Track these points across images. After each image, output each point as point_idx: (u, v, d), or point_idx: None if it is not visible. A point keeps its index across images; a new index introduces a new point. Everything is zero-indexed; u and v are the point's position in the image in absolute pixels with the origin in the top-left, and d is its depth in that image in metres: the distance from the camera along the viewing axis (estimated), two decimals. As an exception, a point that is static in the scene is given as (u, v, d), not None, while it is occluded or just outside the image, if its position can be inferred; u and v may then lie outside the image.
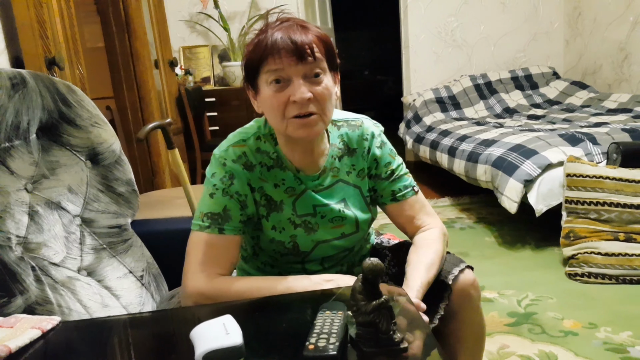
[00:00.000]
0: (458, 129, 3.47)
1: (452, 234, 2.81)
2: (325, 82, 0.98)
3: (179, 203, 1.92)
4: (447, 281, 1.05)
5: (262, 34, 0.98)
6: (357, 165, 1.13)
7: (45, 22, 1.62)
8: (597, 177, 2.21)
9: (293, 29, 0.96)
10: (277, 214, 1.07)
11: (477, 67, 4.43)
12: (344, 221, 1.10)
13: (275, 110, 0.98)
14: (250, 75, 1.02)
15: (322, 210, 1.09)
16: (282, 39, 0.95)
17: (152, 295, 1.41)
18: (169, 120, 1.73)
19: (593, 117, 3.27)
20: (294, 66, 0.95)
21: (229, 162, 1.04)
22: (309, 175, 1.09)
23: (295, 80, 0.95)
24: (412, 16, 4.30)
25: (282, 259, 1.12)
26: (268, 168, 1.06)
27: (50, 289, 1.13)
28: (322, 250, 1.11)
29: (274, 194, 1.07)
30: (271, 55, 0.95)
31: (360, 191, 1.13)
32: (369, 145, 1.14)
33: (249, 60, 1.00)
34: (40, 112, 1.25)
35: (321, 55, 0.98)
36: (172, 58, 3.14)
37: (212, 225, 1.02)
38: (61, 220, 1.26)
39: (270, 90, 0.97)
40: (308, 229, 1.08)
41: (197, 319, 0.80)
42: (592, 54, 4.12)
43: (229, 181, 1.03)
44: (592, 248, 2.15)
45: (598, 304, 1.94)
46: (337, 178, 1.11)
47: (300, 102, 0.95)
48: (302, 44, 0.94)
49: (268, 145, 1.07)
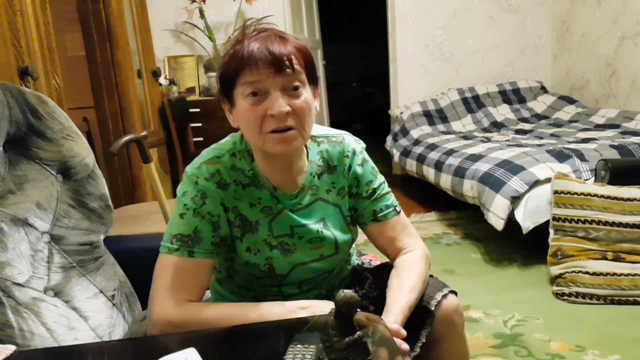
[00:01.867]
0: (445, 142, 3.45)
1: (438, 250, 2.78)
2: (304, 96, 0.94)
3: (155, 218, 1.86)
4: (429, 307, 1.01)
5: (239, 44, 0.94)
6: (338, 183, 1.09)
7: (19, 30, 1.56)
8: (585, 195, 2.19)
9: (271, 39, 0.92)
10: (252, 235, 1.02)
11: (465, 80, 4.43)
12: (322, 242, 1.06)
13: (252, 125, 0.93)
14: (225, 87, 0.97)
15: (299, 230, 1.04)
16: (259, 50, 0.90)
17: (124, 316, 1.35)
18: (143, 133, 1.67)
19: (581, 133, 3.27)
20: (271, 78, 0.91)
21: (202, 181, 0.99)
22: (287, 193, 1.04)
23: (272, 93, 0.91)
24: (400, 29, 4.30)
25: (257, 282, 1.06)
26: (243, 186, 1.01)
27: (12, 312, 1.07)
28: (300, 273, 1.05)
29: (249, 213, 1.02)
30: (248, 66, 0.91)
31: (340, 210, 1.09)
32: (350, 163, 1.09)
33: (224, 72, 0.96)
34: (7, 124, 1.19)
35: (300, 67, 0.94)
36: (155, 68, 3.09)
37: (181, 248, 0.97)
38: (27, 238, 1.20)
39: (246, 104, 0.93)
40: (285, 251, 1.03)
41: (160, 350, 0.75)
42: (579, 69, 4.14)
43: (201, 201, 0.98)
44: (580, 267, 2.12)
45: (586, 325, 1.90)
46: (317, 196, 1.07)
47: (278, 116, 0.91)
48: (280, 55, 0.90)
49: (244, 162, 1.02)
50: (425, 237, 2.99)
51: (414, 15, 4.28)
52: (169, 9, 3.97)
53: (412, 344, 0.98)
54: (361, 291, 1.16)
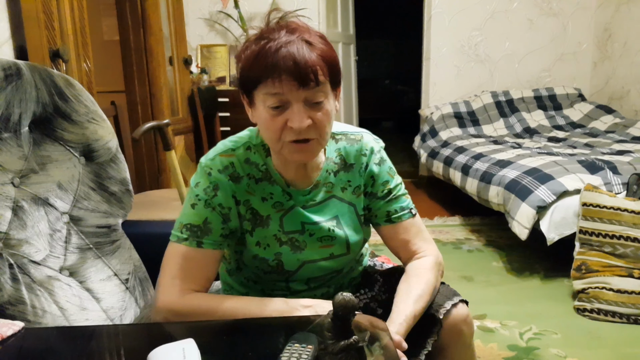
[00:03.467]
0: (474, 146, 3.39)
1: (459, 256, 2.73)
2: (326, 108, 0.92)
3: (175, 205, 1.88)
4: (437, 315, 0.99)
5: (265, 43, 0.89)
6: (353, 181, 1.07)
7: (53, 13, 1.60)
8: (614, 209, 2.11)
9: (297, 46, 0.87)
10: (262, 230, 1.01)
11: (499, 83, 4.33)
12: (333, 241, 1.04)
13: (271, 132, 0.92)
14: (246, 86, 0.94)
15: (310, 228, 1.03)
16: (285, 61, 0.86)
17: (136, 300, 1.37)
18: (166, 121, 1.69)
19: (616, 144, 3.16)
20: (295, 91, 0.88)
21: (215, 172, 0.99)
22: (300, 189, 1.03)
23: (294, 105, 0.89)
24: (435, 28, 4.23)
25: (265, 277, 1.06)
26: (256, 180, 1.01)
27: (26, 289, 1.10)
28: (308, 270, 1.04)
29: (260, 207, 1.01)
30: (271, 77, 0.87)
31: (354, 209, 1.07)
32: (367, 161, 1.07)
33: (245, 76, 0.92)
34: (34, 104, 1.21)
35: (324, 77, 0.90)
36: (187, 56, 3.12)
37: (190, 238, 0.97)
38: (47, 217, 1.23)
39: (266, 113, 0.91)
40: (294, 247, 1.02)
41: (163, 338, 0.75)
42: (620, 78, 4.00)
43: (213, 192, 0.98)
44: (604, 283, 2.05)
45: (605, 343, 1.84)
46: (331, 194, 1.05)
47: (297, 129, 0.89)
48: (305, 67, 0.86)
49: (258, 157, 1.02)
50: (446, 242, 2.95)
51: (450, 15, 4.20)
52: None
53: (417, 350, 0.97)
54: (370, 293, 1.15)
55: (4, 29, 1.48)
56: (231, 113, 3.70)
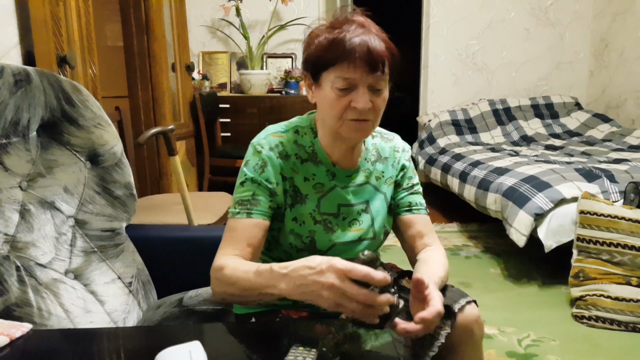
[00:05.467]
0: (472, 153, 3.42)
1: (457, 263, 2.75)
2: (384, 94, 1.03)
3: (177, 209, 1.89)
4: (452, 308, 1.01)
5: (340, 32, 0.98)
6: (387, 172, 1.17)
7: (60, 19, 1.62)
8: (612, 217, 2.14)
9: (371, 37, 0.98)
10: (300, 206, 1.08)
11: (497, 92, 4.38)
12: (362, 225, 1.12)
13: (335, 111, 1.01)
14: (315, 67, 1.02)
15: (344, 210, 1.10)
16: (361, 47, 0.96)
17: (139, 303, 1.38)
18: (170, 127, 1.71)
19: (613, 153, 3.19)
20: (364, 76, 0.98)
21: (265, 150, 1.06)
22: (344, 169, 1.11)
23: (361, 89, 0.99)
24: (434, 36, 4.27)
25: (297, 255, 1.08)
26: (302, 161, 1.09)
27: (33, 291, 1.11)
28: (338, 252, 1.09)
29: (301, 186, 1.09)
30: (347, 61, 0.97)
31: (384, 197, 1.16)
32: (399, 157, 1.19)
33: (320, 57, 1.00)
34: (42, 109, 1.23)
35: (388, 68, 1.01)
36: (189, 62, 3.14)
37: (241, 211, 1.05)
38: (53, 220, 1.24)
39: (333, 94, 1.00)
40: (327, 228, 1.09)
41: (169, 340, 0.77)
42: (616, 87, 4.04)
43: (261, 169, 1.05)
44: (602, 291, 2.07)
45: (603, 351, 1.86)
46: (368, 180, 1.14)
47: (361, 110, 0.99)
48: (377, 56, 0.97)
49: (306, 139, 1.10)
50: (444, 248, 2.95)
51: (448, 24, 4.25)
52: (207, 6, 4.04)
53: (430, 342, 0.99)
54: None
55: (13, 34, 1.50)
56: (232, 119, 3.73)
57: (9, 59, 1.48)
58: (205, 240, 1.48)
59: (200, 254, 1.45)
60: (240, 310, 1.17)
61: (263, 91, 3.87)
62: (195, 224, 1.84)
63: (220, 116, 3.74)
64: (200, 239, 1.51)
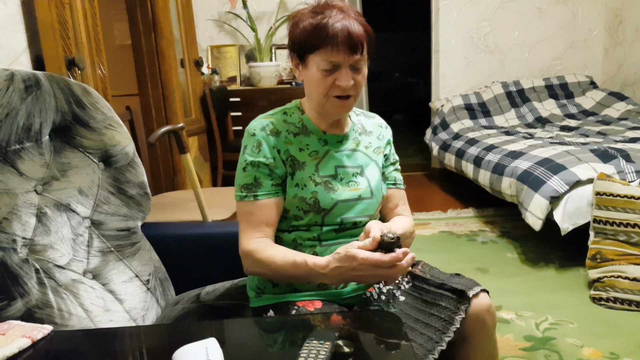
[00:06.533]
0: (486, 137, 3.38)
1: (473, 248, 2.74)
2: (363, 71, 1.13)
3: (191, 206, 1.91)
4: (467, 293, 1.03)
5: (322, 18, 1.08)
6: (373, 143, 1.27)
7: (67, 22, 1.63)
8: (628, 197, 2.11)
9: (350, 21, 1.08)
10: (300, 172, 1.16)
11: (510, 74, 4.31)
12: (359, 185, 1.20)
13: (321, 89, 1.12)
14: (301, 50, 1.12)
15: (341, 171, 1.19)
16: (342, 32, 1.06)
17: (157, 300, 1.40)
18: (180, 125, 1.72)
19: (630, 132, 3.13)
20: (346, 57, 1.08)
21: (258, 131, 1.16)
22: (335, 135, 1.21)
23: (343, 69, 1.09)
24: (444, 20, 4.21)
25: (305, 217, 1.16)
26: (294, 135, 1.18)
27: (52, 292, 1.14)
28: (341, 209, 1.16)
29: (298, 155, 1.17)
30: (331, 45, 1.07)
31: (377, 165, 1.25)
32: (383, 132, 1.30)
33: (305, 41, 1.10)
34: (53, 113, 1.25)
35: (366, 48, 1.11)
36: (198, 57, 3.15)
37: (248, 194, 1.15)
38: (70, 222, 1.27)
39: (319, 74, 1.10)
40: (328, 188, 1.16)
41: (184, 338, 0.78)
42: (632, 64, 3.95)
43: (257, 149, 1.15)
44: (620, 272, 2.05)
45: (622, 332, 1.84)
46: (358, 147, 1.23)
47: (344, 88, 1.10)
48: (357, 39, 1.07)
49: (294, 117, 1.21)
50: (460, 234, 2.96)
51: (458, 7, 4.19)
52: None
53: (445, 327, 1.01)
54: None
55: (22, 40, 1.52)
56: (243, 112, 3.74)
57: (18, 64, 1.50)
58: (219, 236, 1.51)
59: (216, 249, 1.48)
60: (256, 303, 1.20)
61: (273, 83, 3.87)
62: (210, 220, 1.86)
63: (231, 110, 3.75)
64: (215, 235, 1.53)
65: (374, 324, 0.91)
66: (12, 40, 1.50)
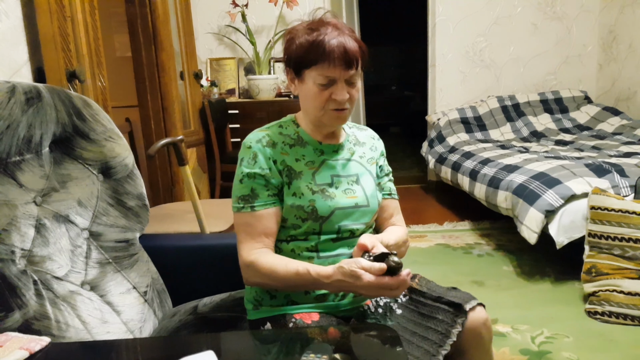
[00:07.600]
0: (481, 151, 3.41)
1: (469, 261, 2.75)
2: (357, 85, 1.17)
3: (189, 218, 1.92)
4: (464, 307, 1.03)
5: (318, 35, 1.11)
6: (367, 154, 1.30)
7: (69, 35, 1.65)
8: (622, 212, 2.13)
9: (346, 38, 1.11)
10: (297, 181, 1.18)
11: (505, 88, 4.35)
12: (355, 193, 1.22)
13: (317, 102, 1.15)
14: (298, 65, 1.15)
15: (337, 180, 1.21)
16: (339, 48, 1.09)
17: (155, 312, 1.40)
18: (180, 137, 1.74)
19: (624, 146, 3.17)
20: (342, 72, 1.11)
21: (254, 144, 1.18)
22: (330, 144, 1.24)
23: (339, 83, 1.12)
24: (440, 35, 4.26)
25: (303, 225, 1.17)
26: (290, 145, 1.21)
27: (50, 304, 1.14)
28: (339, 217, 1.17)
29: (294, 165, 1.19)
30: (327, 61, 1.10)
31: (370, 174, 1.27)
32: (376, 144, 1.33)
33: (302, 57, 1.12)
34: (54, 125, 1.26)
35: (361, 64, 1.14)
36: (197, 70, 3.18)
37: (245, 205, 1.17)
38: (68, 234, 1.27)
39: (316, 88, 1.13)
40: (325, 196, 1.18)
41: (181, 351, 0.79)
42: (626, 80, 4.00)
43: (253, 161, 1.17)
44: (615, 286, 2.06)
45: (617, 346, 1.85)
46: (352, 156, 1.26)
47: (340, 101, 1.13)
48: (352, 55, 1.10)
49: (290, 129, 1.24)
50: (457, 247, 2.97)
51: (454, 22, 4.24)
52: (213, 13, 4.07)
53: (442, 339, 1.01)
54: None
55: (23, 52, 1.54)
56: (241, 124, 3.76)
57: (20, 76, 1.52)
58: (217, 248, 1.51)
59: (214, 261, 1.48)
60: (254, 316, 1.20)
61: (271, 95, 3.89)
62: (208, 232, 1.86)
63: (230, 122, 3.77)
64: (213, 247, 1.54)
65: (371, 337, 0.92)
66: (14, 52, 1.52)
